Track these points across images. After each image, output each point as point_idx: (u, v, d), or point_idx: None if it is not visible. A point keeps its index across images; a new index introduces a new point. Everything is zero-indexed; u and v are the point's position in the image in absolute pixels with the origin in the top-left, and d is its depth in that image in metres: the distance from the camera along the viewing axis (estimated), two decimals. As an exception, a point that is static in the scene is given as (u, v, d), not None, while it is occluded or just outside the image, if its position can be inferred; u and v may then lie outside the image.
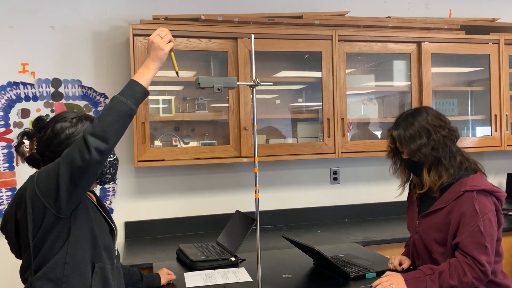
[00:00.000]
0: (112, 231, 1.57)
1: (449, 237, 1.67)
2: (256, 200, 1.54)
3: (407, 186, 1.91)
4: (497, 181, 3.43)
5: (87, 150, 1.28)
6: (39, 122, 1.51)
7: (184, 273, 1.98)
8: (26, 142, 1.52)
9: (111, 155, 1.55)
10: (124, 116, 1.34)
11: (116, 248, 1.59)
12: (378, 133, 3.14)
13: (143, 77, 1.43)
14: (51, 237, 1.38)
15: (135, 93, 1.38)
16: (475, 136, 3.18)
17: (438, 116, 1.77)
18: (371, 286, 1.67)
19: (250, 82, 1.53)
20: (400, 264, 1.88)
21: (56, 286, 1.38)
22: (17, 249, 1.50)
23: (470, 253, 1.58)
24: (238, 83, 1.53)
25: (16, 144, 1.53)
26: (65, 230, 1.39)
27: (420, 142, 1.71)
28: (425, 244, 1.77)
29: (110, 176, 1.56)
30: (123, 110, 1.34)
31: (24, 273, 1.45)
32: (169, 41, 1.49)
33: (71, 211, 1.40)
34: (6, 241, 1.53)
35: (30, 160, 1.52)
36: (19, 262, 1.48)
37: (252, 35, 1.55)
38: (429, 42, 2.93)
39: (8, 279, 2.56)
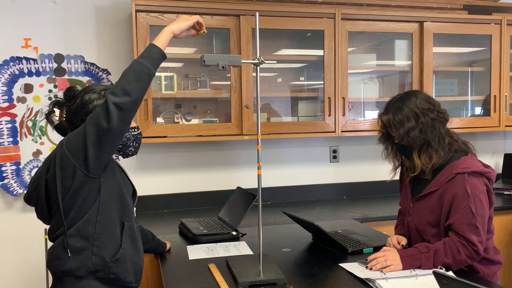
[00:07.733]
0: (134, 194, 1.66)
1: (442, 218, 1.71)
2: (259, 176, 1.58)
3: (398, 170, 1.94)
4: (494, 161, 3.48)
5: (108, 108, 1.36)
6: (69, 91, 1.59)
7: (187, 246, 2.04)
8: (56, 111, 1.61)
9: (135, 129, 1.62)
10: (141, 75, 1.41)
11: (134, 210, 1.68)
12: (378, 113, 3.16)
13: (158, 40, 1.50)
14: (80, 196, 1.46)
15: (152, 54, 1.46)
16: (474, 116, 3.21)
17: (428, 99, 1.78)
18: (367, 260, 1.72)
19: (254, 60, 1.54)
20: (399, 243, 1.90)
21: (88, 242, 1.47)
22: (46, 213, 1.57)
23: (463, 234, 1.63)
24: (242, 61, 1.54)
25: (47, 112, 1.62)
26: (95, 190, 1.47)
27: (409, 126, 1.72)
28: (418, 227, 1.81)
29: (133, 149, 1.64)
30: (139, 70, 1.42)
31: (54, 233, 1.53)
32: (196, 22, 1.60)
33: (101, 172, 1.47)
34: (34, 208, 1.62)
35: (59, 128, 1.62)
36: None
37: (257, 13, 1.55)
38: (431, 21, 2.93)
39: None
